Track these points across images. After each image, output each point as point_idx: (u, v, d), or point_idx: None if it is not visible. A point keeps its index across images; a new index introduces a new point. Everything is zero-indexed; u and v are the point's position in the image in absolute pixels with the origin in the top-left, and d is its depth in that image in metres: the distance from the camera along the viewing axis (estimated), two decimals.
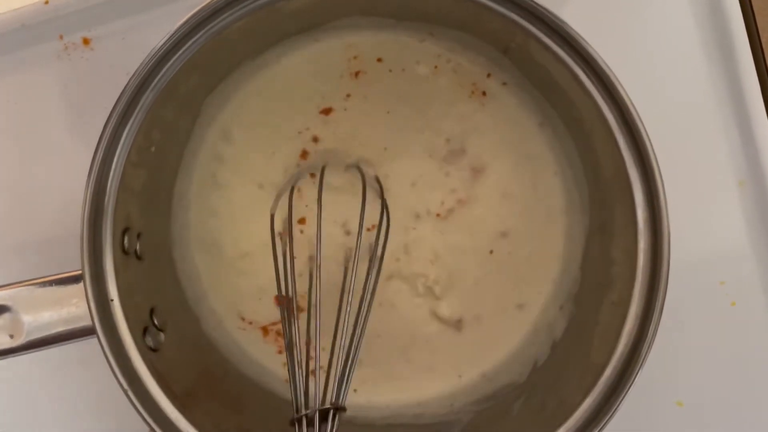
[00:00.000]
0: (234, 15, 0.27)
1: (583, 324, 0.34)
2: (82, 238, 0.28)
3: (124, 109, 0.27)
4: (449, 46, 0.36)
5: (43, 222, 0.39)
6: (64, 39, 0.40)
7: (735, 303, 0.39)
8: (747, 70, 0.38)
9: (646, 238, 0.28)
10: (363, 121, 0.37)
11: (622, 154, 0.27)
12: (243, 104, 0.37)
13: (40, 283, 0.29)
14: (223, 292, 0.37)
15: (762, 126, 0.38)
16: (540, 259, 0.36)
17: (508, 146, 0.36)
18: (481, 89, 0.36)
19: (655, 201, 0.27)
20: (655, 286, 0.28)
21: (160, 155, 0.32)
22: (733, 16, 0.37)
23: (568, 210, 0.36)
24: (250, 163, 0.37)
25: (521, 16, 0.27)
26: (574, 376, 0.31)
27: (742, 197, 0.39)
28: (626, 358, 0.29)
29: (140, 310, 0.31)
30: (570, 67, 0.27)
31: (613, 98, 0.27)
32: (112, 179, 0.28)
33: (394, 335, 0.36)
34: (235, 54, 0.34)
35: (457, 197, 0.37)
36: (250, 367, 0.37)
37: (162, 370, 0.30)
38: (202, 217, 0.37)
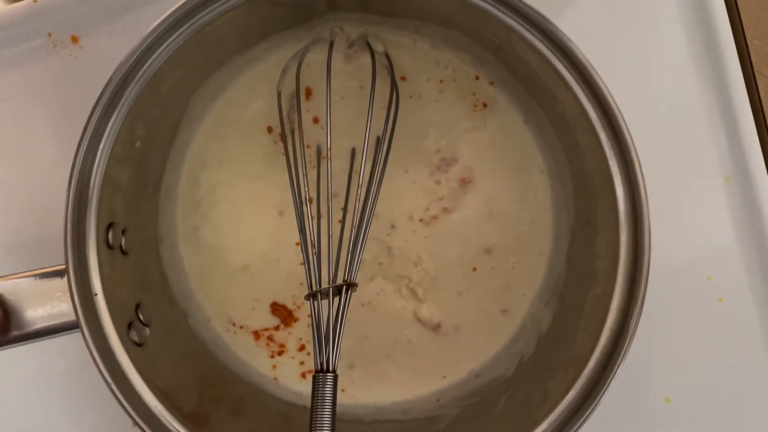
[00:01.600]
0: (217, 10, 0.28)
1: (568, 318, 0.34)
2: (66, 232, 0.28)
3: (107, 102, 0.27)
4: (433, 42, 0.36)
5: (32, 217, 0.40)
6: (53, 37, 0.40)
7: (722, 299, 0.40)
8: (733, 68, 0.38)
9: (628, 231, 0.28)
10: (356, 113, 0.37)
11: (603, 148, 0.28)
12: (232, 100, 0.37)
13: (24, 277, 0.29)
14: (212, 295, 0.37)
15: (747, 123, 0.38)
16: (525, 266, 0.37)
17: (496, 146, 0.37)
18: (482, 101, 0.36)
19: (636, 193, 0.27)
20: (637, 278, 0.28)
21: (146, 150, 0.32)
22: (719, 17, 0.38)
23: (554, 206, 0.36)
24: (238, 159, 0.37)
25: (504, 13, 0.27)
26: (558, 369, 0.32)
27: (729, 193, 0.39)
28: (608, 351, 0.29)
29: (125, 305, 0.31)
30: (551, 62, 0.27)
31: (594, 93, 0.27)
32: (96, 174, 0.28)
33: (379, 337, 0.37)
34: (222, 49, 0.34)
35: (443, 205, 0.37)
36: (239, 366, 0.37)
37: (147, 364, 0.30)
38: (189, 214, 0.37)
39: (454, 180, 0.37)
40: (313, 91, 0.36)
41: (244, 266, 0.37)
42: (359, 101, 0.36)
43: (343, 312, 0.30)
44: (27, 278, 0.29)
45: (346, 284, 0.31)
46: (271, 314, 0.37)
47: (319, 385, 0.29)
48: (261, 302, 0.37)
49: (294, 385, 0.37)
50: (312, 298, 0.31)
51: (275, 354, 0.37)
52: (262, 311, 0.37)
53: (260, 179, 0.37)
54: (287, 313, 0.37)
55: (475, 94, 0.36)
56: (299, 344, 0.37)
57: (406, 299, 0.37)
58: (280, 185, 0.36)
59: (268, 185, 0.37)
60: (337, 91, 0.36)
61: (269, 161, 0.37)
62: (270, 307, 0.37)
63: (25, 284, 0.29)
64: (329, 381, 0.29)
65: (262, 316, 0.37)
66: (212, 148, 0.37)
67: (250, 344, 0.37)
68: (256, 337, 0.37)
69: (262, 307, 0.37)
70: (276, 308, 0.37)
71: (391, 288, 0.37)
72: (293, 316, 0.37)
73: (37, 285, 0.29)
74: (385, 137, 0.34)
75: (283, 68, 0.35)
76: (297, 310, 0.37)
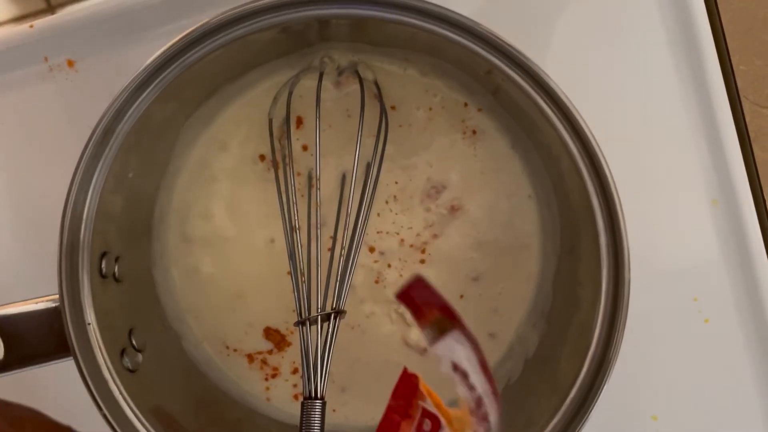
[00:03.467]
0: (207, 47, 0.28)
1: (553, 342, 0.35)
2: (60, 265, 0.28)
3: (99, 139, 0.28)
4: (423, 70, 0.36)
5: (27, 243, 0.40)
6: (49, 61, 0.41)
7: (708, 320, 0.40)
8: (719, 93, 0.39)
9: (609, 264, 0.29)
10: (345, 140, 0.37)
11: (586, 183, 0.28)
12: (222, 127, 0.37)
13: (18, 305, 0.30)
14: (205, 319, 0.38)
15: (733, 146, 0.39)
16: (512, 291, 0.37)
17: (486, 172, 0.37)
18: (471, 127, 0.36)
19: (616, 230, 0.28)
20: (618, 310, 0.29)
21: (138, 179, 0.33)
22: (705, 43, 0.38)
23: (542, 231, 0.37)
24: (230, 184, 0.38)
25: (486, 50, 0.28)
26: (543, 395, 0.32)
27: (715, 215, 0.40)
28: (590, 379, 0.30)
29: (118, 332, 0.32)
30: (534, 99, 0.28)
31: (575, 129, 0.27)
32: (89, 208, 0.29)
33: (369, 360, 0.37)
34: (213, 80, 0.34)
35: (432, 232, 0.37)
36: (233, 388, 0.38)
37: (140, 390, 0.31)
38: (182, 239, 0.37)
39: (443, 207, 0.37)
40: (303, 119, 0.37)
41: (236, 293, 0.37)
42: (347, 129, 0.37)
43: (331, 340, 0.31)
44: (21, 307, 0.30)
45: (334, 311, 0.32)
46: (265, 338, 0.38)
47: (307, 412, 0.30)
48: (254, 327, 0.38)
49: (287, 407, 0.38)
50: (301, 325, 0.31)
51: (269, 377, 0.38)
52: (255, 335, 0.38)
53: (251, 206, 0.37)
54: (280, 338, 0.37)
55: (464, 121, 0.37)
56: (293, 367, 0.38)
57: (395, 324, 0.38)
58: (271, 213, 0.37)
59: (259, 212, 0.37)
60: (325, 119, 0.36)
61: (260, 188, 0.37)
62: (263, 331, 0.38)
63: (19, 313, 0.30)
64: (317, 407, 0.30)
65: (256, 340, 0.38)
66: (204, 174, 0.38)
67: (244, 367, 0.38)
68: (250, 360, 0.38)
69: (255, 331, 0.38)
70: (269, 333, 0.38)
71: (380, 312, 0.38)
72: (286, 341, 0.38)
73: (31, 314, 0.30)
74: (374, 165, 0.35)
75: (274, 96, 0.36)
76: (290, 334, 0.38)
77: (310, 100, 0.36)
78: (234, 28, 0.28)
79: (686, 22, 0.38)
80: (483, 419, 0.21)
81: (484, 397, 0.21)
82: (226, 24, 0.28)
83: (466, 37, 0.28)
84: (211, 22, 0.28)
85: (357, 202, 0.34)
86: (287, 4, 0.28)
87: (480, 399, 0.21)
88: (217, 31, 0.28)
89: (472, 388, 0.21)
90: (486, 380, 0.21)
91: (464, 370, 0.21)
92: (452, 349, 0.21)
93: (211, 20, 0.28)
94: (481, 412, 0.21)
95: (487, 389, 0.21)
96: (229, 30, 0.28)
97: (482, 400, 0.21)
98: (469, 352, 0.21)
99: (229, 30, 0.28)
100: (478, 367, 0.21)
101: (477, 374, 0.21)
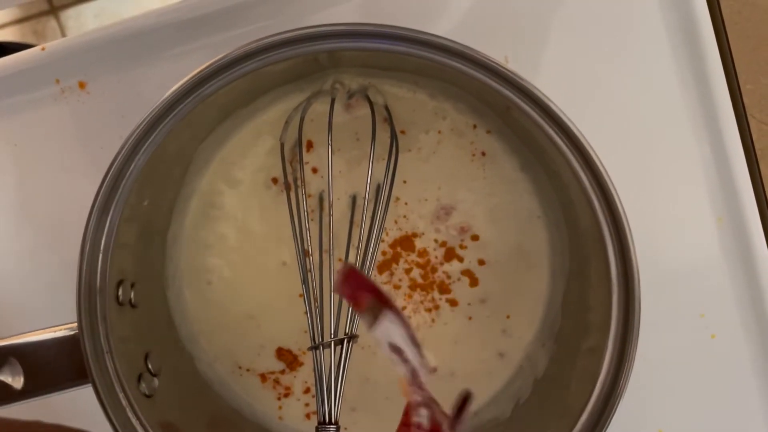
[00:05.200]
0: (222, 81, 0.28)
1: (562, 364, 0.35)
2: (79, 295, 0.29)
3: (116, 173, 0.28)
4: (432, 93, 0.37)
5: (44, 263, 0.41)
6: (61, 83, 0.41)
7: (715, 335, 0.41)
8: (725, 112, 0.39)
9: (619, 291, 0.29)
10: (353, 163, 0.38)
11: (597, 214, 0.28)
12: (234, 150, 0.38)
13: (38, 334, 0.30)
14: (218, 341, 0.38)
15: (740, 165, 0.39)
16: (522, 311, 0.38)
17: (495, 194, 0.37)
18: (480, 149, 0.37)
19: (627, 260, 0.28)
20: (628, 337, 0.29)
21: (153, 206, 0.34)
22: (712, 62, 0.38)
23: (551, 252, 0.37)
24: (242, 208, 0.38)
25: (498, 83, 0.28)
26: (553, 417, 0.33)
27: (721, 233, 0.40)
28: (601, 404, 0.30)
29: (135, 358, 0.32)
30: (546, 130, 0.28)
31: (587, 163, 0.28)
32: (106, 238, 0.29)
33: (379, 380, 0.38)
34: (226, 107, 0.35)
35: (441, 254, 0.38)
36: (245, 407, 0.38)
37: (157, 414, 0.31)
38: (195, 263, 0.38)
39: (453, 228, 0.38)
40: (314, 143, 0.37)
41: (249, 314, 0.38)
42: (356, 152, 0.37)
43: (344, 364, 0.32)
44: (41, 335, 0.30)
45: (347, 336, 0.32)
46: (277, 359, 0.38)
47: None
48: (266, 348, 0.38)
49: (299, 425, 0.38)
50: (314, 350, 0.32)
51: (281, 396, 0.38)
52: (267, 356, 0.38)
53: (263, 228, 0.38)
54: (293, 358, 0.38)
55: (473, 143, 0.37)
56: (305, 387, 0.38)
57: None
58: (283, 236, 0.37)
59: (271, 235, 0.38)
60: (334, 142, 0.37)
61: (272, 211, 0.38)
62: (275, 352, 0.38)
63: (39, 341, 0.30)
64: None
65: (268, 360, 0.38)
66: (216, 197, 0.38)
67: (256, 386, 0.38)
68: (263, 379, 0.39)
69: (267, 352, 0.38)
70: (281, 353, 0.38)
71: None
72: (298, 361, 0.38)
73: (50, 342, 0.30)
74: (385, 187, 0.35)
75: (286, 120, 0.36)
76: (302, 355, 0.38)
77: (320, 124, 0.37)
78: (249, 61, 0.28)
79: (693, 42, 0.39)
80: (419, 388, 0.22)
81: (418, 368, 0.22)
82: (241, 58, 0.28)
83: (474, 68, 0.28)
84: (226, 58, 0.28)
85: (368, 224, 0.34)
86: (301, 39, 0.28)
87: (414, 370, 0.22)
88: (233, 65, 0.28)
89: (407, 361, 0.22)
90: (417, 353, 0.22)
91: (399, 347, 0.22)
92: (388, 330, 0.22)
93: (227, 55, 0.28)
94: (417, 381, 0.22)
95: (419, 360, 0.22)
96: (244, 64, 0.28)
97: (416, 371, 0.22)
98: (401, 329, 0.22)
99: (244, 63, 0.28)
100: (409, 342, 0.22)
101: (409, 348, 0.22)
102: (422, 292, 0.38)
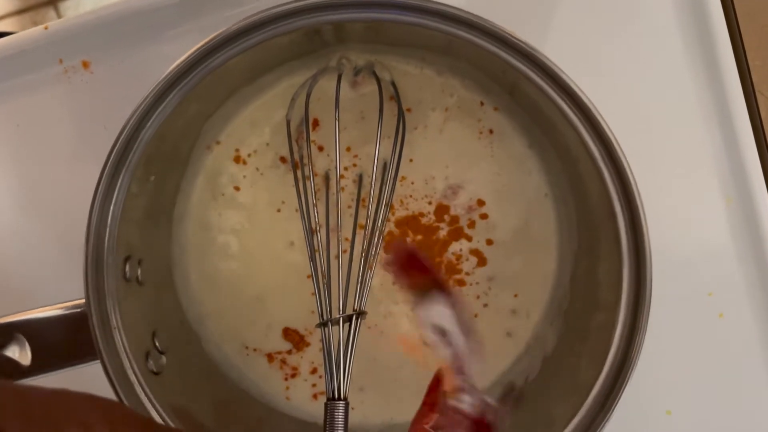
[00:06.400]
0: (229, 52, 0.28)
1: (572, 340, 0.35)
2: (86, 269, 0.29)
3: (123, 145, 0.28)
4: (439, 69, 0.36)
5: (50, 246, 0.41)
6: (64, 63, 0.41)
7: (723, 314, 0.40)
8: (734, 89, 0.39)
9: (630, 263, 0.29)
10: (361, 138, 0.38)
11: (607, 185, 0.28)
12: (240, 128, 0.37)
13: (46, 311, 0.30)
14: (225, 321, 0.38)
15: (748, 143, 0.39)
16: (530, 290, 0.37)
17: (502, 172, 0.37)
18: (487, 127, 0.36)
19: (638, 232, 0.28)
20: (639, 310, 0.29)
21: (159, 183, 0.33)
22: (721, 39, 0.38)
23: (558, 230, 0.37)
24: (248, 187, 0.38)
25: (506, 52, 0.28)
26: (563, 394, 0.32)
27: (730, 212, 0.40)
28: (612, 379, 0.30)
29: (142, 335, 0.32)
30: (556, 102, 0.28)
31: (597, 132, 0.27)
32: (113, 215, 0.29)
33: (387, 359, 0.38)
34: (232, 82, 0.35)
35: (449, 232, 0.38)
36: (253, 388, 0.38)
37: (165, 392, 0.31)
38: (200, 243, 0.38)
39: (461, 208, 0.37)
40: (320, 121, 0.37)
41: (255, 295, 0.38)
42: (361, 131, 0.37)
43: (353, 340, 0.31)
44: (47, 312, 0.30)
45: (355, 313, 0.32)
46: (284, 339, 0.38)
47: (330, 413, 0.30)
48: (273, 328, 0.38)
49: (306, 405, 0.38)
50: (323, 327, 0.32)
51: (288, 377, 0.38)
52: (274, 336, 0.38)
53: (270, 209, 0.38)
54: (299, 338, 0.38)
55: (481, 121, 0.37)
56: (311, 367, 0.38)
57: (412, 323, 0.38)
58: (290, 215, 0.37)
59: (277, 215, 0.38)
60: (340, 122, 0.36)
61: (280, 191, 0.38)
62: (282, 332, 0.38)
63: (45, 317, 0.30)
64: (340, 408, 0.30)
65: (275, 340, 0.38)
66: (222, 176, 0.38)
67: (264, 367, 0.38)
68: (270, 359, 0.38)
69: (274, 332, 0.38)
70: (288, 333, 0.38)
71: (398, 312, 0.38)
72: (305, 341, 0.38)
73: (57, 318, 0.30)
74: (392, 165, 0.35)
75: (292, 97, 0.36)
76: (309, 335, 0.38)
77: (326, 102, 0.36)
78: (255, 33, 0.28)
79: (702, 19, 0.38)
80: (459, 372, 0.22)
81: (462, 354, 0.22)
82: (248, 29, 0.28)
83: (484, 38, 0.28)
84: (232, 28, 0.28)
85: (375, 202, 0.34)
86: (307, 9, 0.28)
87: (457, 354, 0.22)
88: (239, 36, 0.28)
89: (450, 345, 0.22)
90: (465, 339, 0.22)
91: (443, 329, 0.22)
92: (432, 311, 0.22)
93: (233, 26, 0.28)
94: (458, 366, 0.22)
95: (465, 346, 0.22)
96: (250, 35, 0.28)
97: (459, 356, 0.22)
98: (451, 312, 0.22)
99: (251, 35, 0.28)
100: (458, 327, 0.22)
101: (456, 332, 0.22)
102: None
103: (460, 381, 0.22)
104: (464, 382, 0.22)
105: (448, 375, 0.22)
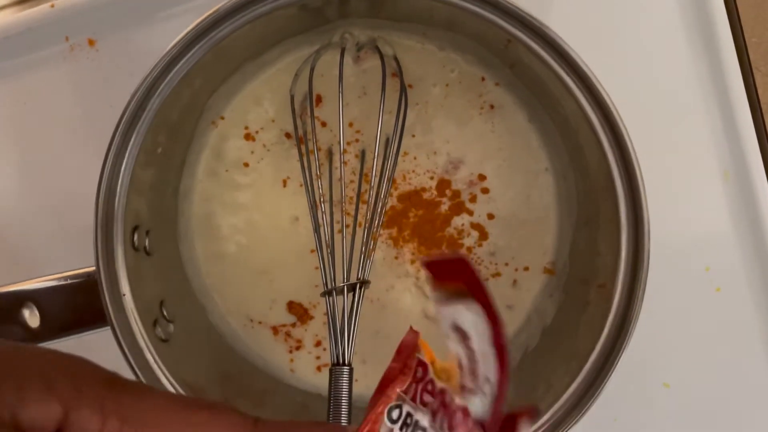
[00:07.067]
0: (234, 24, 0.29)
1: (570, 311, 0.36)
2: (96, 238, 0.29)
3: (131, 116, 0.29)
4: (440, 44, 0.37)
5: (59, 218, 0.41)
6: (70, 41, 0.41)
7: (720, 288, 0.41)
8: (731, 66, 0.39)
9: (628, 231, 0.30)
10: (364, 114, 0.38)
11: (606, 153, 0.29)
12: (244, 103, 0.38)
13: (56, 279, 0.31)
14: (230, 295, 0.39)
15: (745, 119, 0.40)
16: (529, 263, 0.38)
17: (503, 147, 0.38)
18: (488, 102, 0.37)
19: (636, 197, 0.29)
20: (637, 276, 0.30)
21: (166, 155, 0.34)
22: (718, 16, 0.38)
23: (558, 203, 0.38)
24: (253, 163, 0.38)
25: (507, 22, 0.28)
26: (562, 361, 0.33)
27: (727, 187, 0.40)
28: (610, 345, 0.31)
29: (151, 303, 0.33)
30: (554, 69, 0.28)
31: (596, 100, 0.28)
32: (122, 182, 0.29)
33: (390, 332, 0.38)
34: (236, 57, 0.35)
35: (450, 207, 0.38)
36: (258, 360, 0.39)
37: (172, 359, 0.32)
38: (205, 217, 0.38)
39: (462, 182, 0.38)
40: (323, 96, 0.38)
41: (260, 269, 0.38)
42: (363, 106, 0.38)
43: (357, 308, 0.32)
44: (59, 280, 0.31)
45: (359, 281, 0.32)
46: (288, 312, 0.39)
47: (335, 378, 0.31)
48: (278, 302, 0.38)
49: (311, 377, 0.39)
50: (327, 296, 0.32)
51: (293, 349, 0.39)
52: (278, 310, 0.39)
53: (276, 184, 0.38)
54: (303, 311, 0.38)
55: (482, 96, 0.38)
56: (315, 340, 0.39)
57: (414, 297, 0.38)
58: (295, 190, 0.38)
59: (283, 190, 0.38)
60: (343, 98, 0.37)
61: (284, 166, 0.38)
62: (287, 305, 0.39)
63: (57, 285, 0.31)
64: (345, 373, 0.31)
65: (279, 314, 0.39)
66: (226, 152, 0.38)
67: (268, 339, 0.39)
68: (275, 332, 0.39)
69: (278, 306, 0.39)
70: (292, 306, 0.39)
71: (400, 286, 0.38)
72: (309, 314, 0.39)
73: (66, 286, 0.31)
74: (394, 140, 0.36)
75: (295, 72, 0.36)
76: (313, 308, 0.39)
77: (329, 78, 0.37)
78: (258, 5, 0.29)
79: None
80: (473, 375, 0.22)
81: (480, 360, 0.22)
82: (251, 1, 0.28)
83: (485, 8, 0.29)
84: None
85: (377, 177, 0.35)
86: None
87: (473, 356, 0.22)
88: (244, 7, 0.29)
89: (470, 349, 0.22)
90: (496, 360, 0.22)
91: (466, 333, 0.22)
92: (459, 313, 0.22)
93: None
94: (472, 368, 0.22)
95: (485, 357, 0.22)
96: (255, 6, 0.29)
97: (475, 358, 0.22)
98: (483, 325, 0.22)
99: (256, 6, 0.29)
100: (488, 343, 0.22)
101: (485, 345, 0.22)
102: (432, 246, 0.38)
103: (471, 384, 0.22)
104: (475, 385, 0.22)
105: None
